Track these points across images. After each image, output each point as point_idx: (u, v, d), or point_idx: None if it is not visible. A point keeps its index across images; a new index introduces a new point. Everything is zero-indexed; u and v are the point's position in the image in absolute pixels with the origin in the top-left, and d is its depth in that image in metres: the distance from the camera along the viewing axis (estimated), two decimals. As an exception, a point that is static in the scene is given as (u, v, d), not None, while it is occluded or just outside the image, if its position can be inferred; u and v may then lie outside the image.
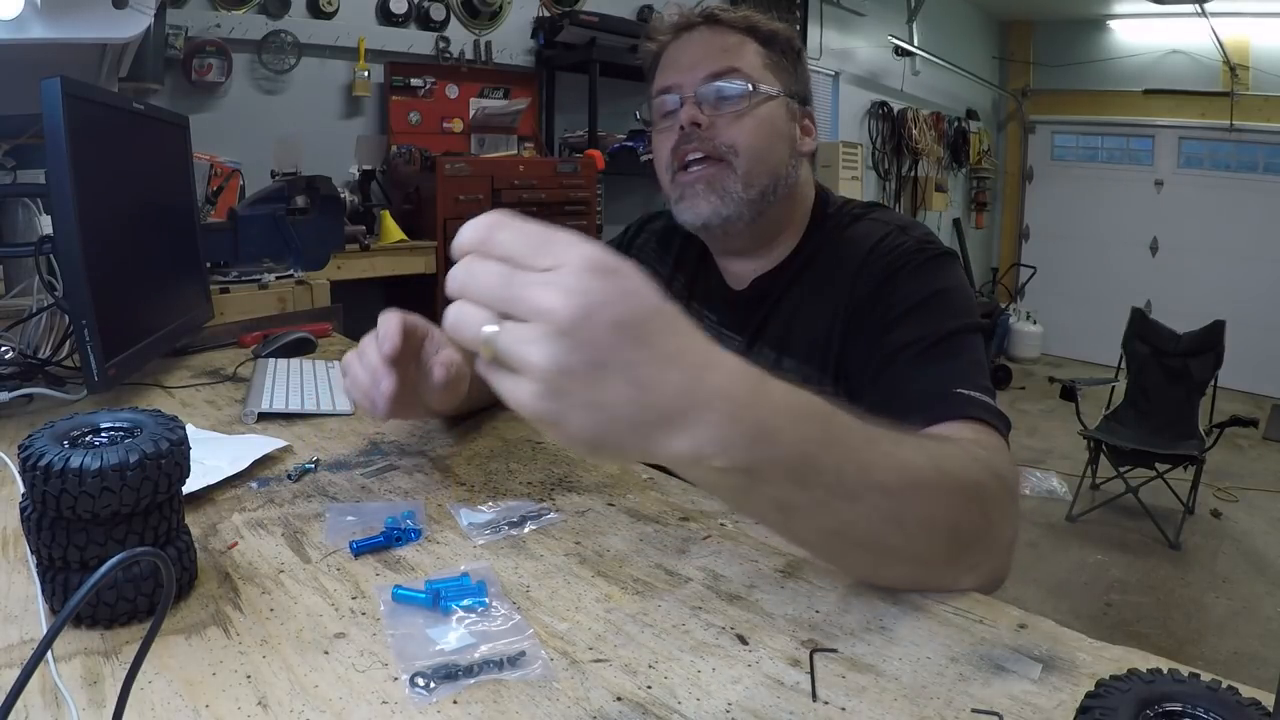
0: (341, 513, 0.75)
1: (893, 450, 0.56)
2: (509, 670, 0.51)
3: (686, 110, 0.93)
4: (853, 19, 5.19)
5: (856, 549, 0.57)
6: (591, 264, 0.42)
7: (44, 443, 0.54)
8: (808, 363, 0.92)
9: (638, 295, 0.44)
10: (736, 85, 0.92)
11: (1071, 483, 3.74)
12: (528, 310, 0.41)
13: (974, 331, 0.83)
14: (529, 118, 3.53)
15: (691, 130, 0.92)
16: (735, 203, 0.92)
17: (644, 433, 0.44)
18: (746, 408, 0.47)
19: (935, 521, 0.58)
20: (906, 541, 0.57)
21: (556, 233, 0.44)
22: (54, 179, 0.93)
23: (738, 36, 0.95)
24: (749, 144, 0.92)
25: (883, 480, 0.54)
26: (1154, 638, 2.63)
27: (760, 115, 0.93)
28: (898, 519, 0.55)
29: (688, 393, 0.44)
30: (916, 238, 0.90)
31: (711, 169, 0.92)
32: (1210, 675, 0.40)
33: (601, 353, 0.41)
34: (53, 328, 1.22)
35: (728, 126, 0.92)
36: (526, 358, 0.41)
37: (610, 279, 0.42)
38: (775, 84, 0.95)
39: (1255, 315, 5.43)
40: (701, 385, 0.45)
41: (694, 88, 0.93)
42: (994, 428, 0.73)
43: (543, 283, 0.41)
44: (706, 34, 0.96)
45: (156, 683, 0.49)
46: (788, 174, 0.95)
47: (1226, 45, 5.68)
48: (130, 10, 1.55)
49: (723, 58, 0.93)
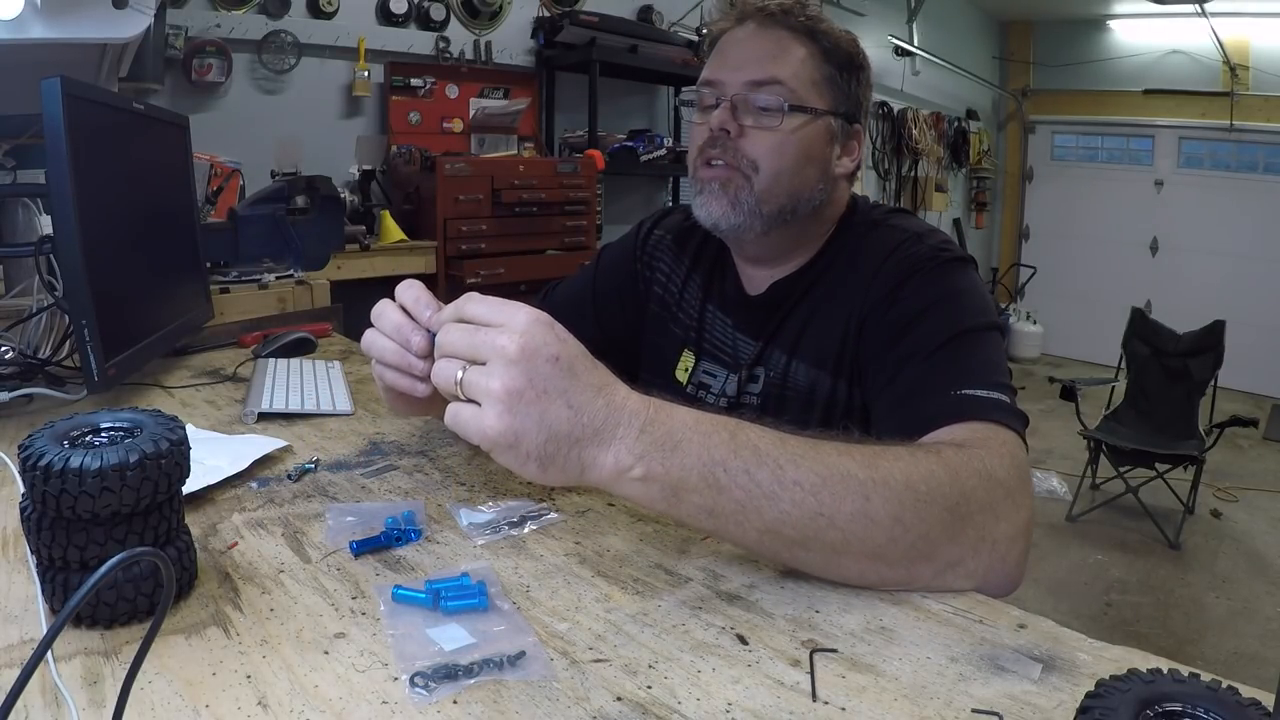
0: (341, 513, 0.75)
1: (809, 452, 0.60)
2: (509, 670, 0.51)
3: (719, 113, 0.89)
4: (853, 19, 5.19)
5: (797, 546, 0.60)
6: (533, 319, 0.56)
7: (44, 443, 0.54)
8: (819, 368, 0.92)
9: (568, 342, 0.57)
10: (775, 99, 0.88)
11: (1071, 483, 3.74)
12: (487, 352, 0.55)
13: (987, 330, 0.81)
14: (529, 118, 3.53)
15: (720, 135, 0.90)
16: (747, 213, 0.90)
17: (580, 448, 0.56)
18: (653, 423, 0.57)
19: (871, 515, 0.59)
20: (845, 537, 0.59)
21: (509, 303, 0.58)
22: (54, 179, 0.93)
23: (795, 40, 0.90)
24: (772, 163, 0.89)
25: (798, 478, 0.58)
26: (1154, 638, 2.63)
27: (792, 135, 0.89)
28: (826, 514, 0.58)
29: (608, 413, 0.56)
30: (932, 244, 0.89)
31: (730, 172, 0.90)
32: (1210, 675, 0.40)
33: (543, 379, 0.54)
34: (53, 328, 1.22)
35: (755, 140, 0.89)
36: (488, 385, 0.54)
37: (547, 329, 0.56)
38: (821, 100, 0.90)
39: (1255, 315, 5.43)
40: (618, 407, 0.57)
41: (733, 90, 0.89)
42: (1006, 425, 0.71)
43: (497, 332, 0.55)
44: (762, 31, 0.91)
45: (156, 683, 0.49)
46: (813, 196, 0.92)
47: (1226, 45, 5.68)
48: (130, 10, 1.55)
49: (769, 65, 0.89)
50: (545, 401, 0.54)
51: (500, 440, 0.54)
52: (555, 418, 0.54)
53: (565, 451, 0.55)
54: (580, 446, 0.56)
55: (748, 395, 0.97)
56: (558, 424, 0.54)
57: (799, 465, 0.59)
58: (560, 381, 0.55)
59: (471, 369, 0.56)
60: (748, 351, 0.98)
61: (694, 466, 0.57)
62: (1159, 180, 6.40)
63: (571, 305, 1.14)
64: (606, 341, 1.13)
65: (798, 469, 0.59)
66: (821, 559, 0.60)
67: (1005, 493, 0.64)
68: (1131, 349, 3.86)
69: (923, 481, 0.61)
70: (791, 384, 0.94)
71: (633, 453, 0.56)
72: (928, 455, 0.64)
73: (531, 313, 0.57)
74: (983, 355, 0.79)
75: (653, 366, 1.09)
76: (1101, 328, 5.57)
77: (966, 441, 0.68)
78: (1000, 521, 0.63)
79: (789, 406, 0.94)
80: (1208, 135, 6.10)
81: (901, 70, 5.84)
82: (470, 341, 0.56)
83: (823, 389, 0.92)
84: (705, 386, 1.01)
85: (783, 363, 0.95)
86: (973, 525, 0.62)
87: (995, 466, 0.65)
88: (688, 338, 1.04)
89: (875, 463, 0.61)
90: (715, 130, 0.90)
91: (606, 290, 1.13)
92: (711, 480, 0.57)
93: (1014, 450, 0.69)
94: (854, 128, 0.94)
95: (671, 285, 1.07)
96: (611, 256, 1.16)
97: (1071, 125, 6.85)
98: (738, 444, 0.58)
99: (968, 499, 0.62)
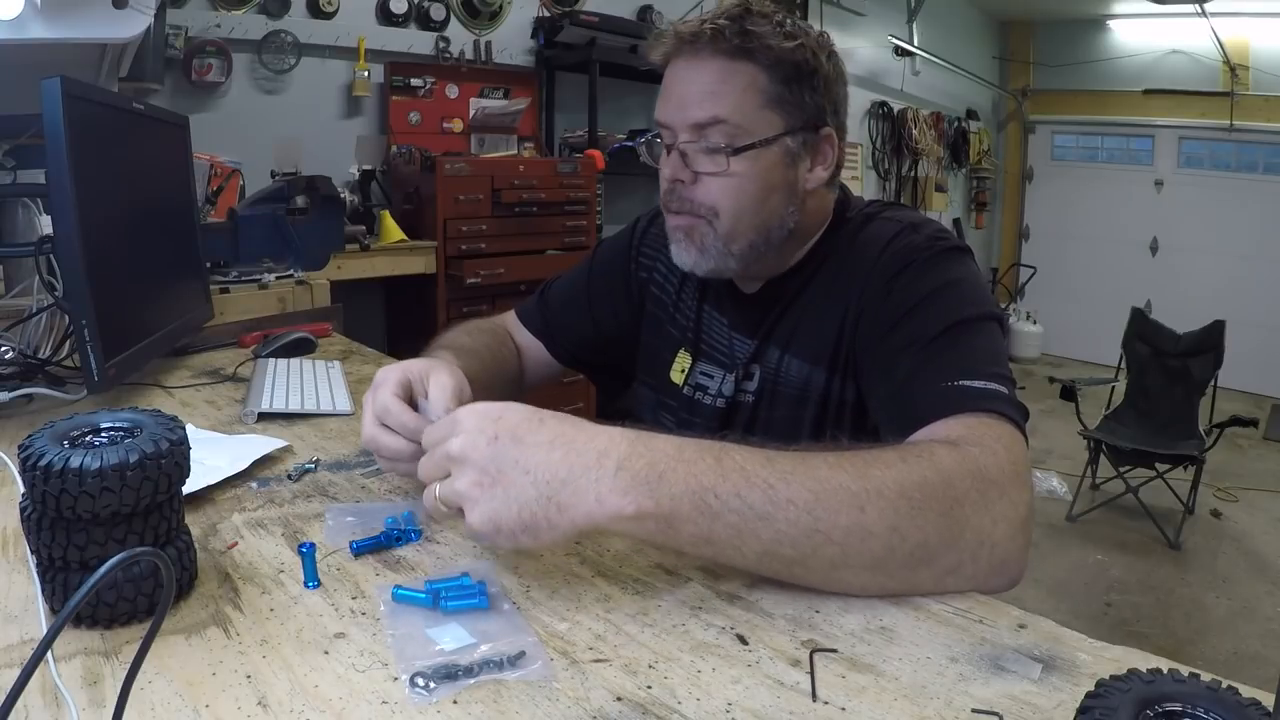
0: (341, 513, 0.75)
1: (798, 468, 0.59)
2: (509, 670, 0.51)
3: (670, 164, 0.88)
4: (853, 19, 5.19)
5: (796, 565, 0.59)
6: (466, 413, 0.61)
7: (44, 443, 0.55)
8: (813, 363, 0.91)
9: (504, 417, 0.60)
10: (723, 141, 0.84)
11: (1071, 483, 3.74)
12: (444, 465, 0.60)
13: (983, 320, 0.80)
14: (529, 118, 3.53)
15: (674, 185, 0.88)
16: (716, 256, 0.89)
17: (555, 505, 0.57)
18: (630, 457, 0.58)
19: (868, 526, 0.58)
20: (843, 551, 0.58)
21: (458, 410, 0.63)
22: (54, 179, 0.93)
23: (732, 66, 0.84)
24: (730, 205, 0.86)
25: (790, 496, 0.58)
26: (1154, 638, 2.63)
27: (746, 172, 0.85)
28: (822, 530, 0.58)
29: (571, 461, 0.58)
30: (927, 234, 0.87)
31: (692, 220, 0.89)
32: (1210, 675, 0.40)
33: (490, 461, 0.58)
34: (53, 328, 1.22)
35: (709, 186, 0.86)
36: (455, 491, 0.59)
37: (480, 416, 0.60)
38: (771, 125, 0.85)
39: (1255, 315, 5.43)
40: (580, 452, 0.58)
41: (680, 135, 0.86)
42: (1002, 415, 0.70)
43: (445, 443, 0.60)
44: (697, 61, 0.85)
45: (156, 683, 0.49)
46: (784, 223, 0.89)
47: (1226, 45, 5.68)
48: (130, 10, 1.55)
49: (709, 102, 0.84)
50: (503, 479, 0.57)
51: (485, 530, 0.58)
52: (517, 488, 0.57)
53: (543, 513, 0.57)
54: (554, 503, 0.57)
55: (744, 394, 0.96)
56: (522, 492, 0.57)
57: (790, 483, 0.58)
58: (507, 454, 0.58)
59: (441, 483, 0.60)
60: (744, 350, 0.97)
61: (683, 495, 0.57)
62: (1159, 180, 6.40)
63: (568, 301, 1.14)
64: (603, 339, 1.13)
65: (789, 487, 0.58)
66: (821, 574, 0.60)
67: (1000, 492, 0.63)
68: (1131, 349, 3.86)
69: (916, 489, 0.60)
70: (784, 380, 0.93)
71: (615, 490, 0.56)
72: (919, 459, 0.63)
73: (467, 409, 0.61)
74: (980, 345, 0.78)
75: (648, 367, 1.09)
76: (1101, 328, 5.57)
77: (961, 438, 0.67)
78: (998, 523, 0.62)
79: (782, 403, 0.93)
80: (1208, 135, 6.10)
81: (901, 70, 5.84)
82: (432, 464, 0.62)
83: (817, 384, 0.91)
84: (702, 388, 1.01)
85: (776, 358, 0.94)
86: (970, 529, 0.61)
87: (988, 465, 0.64)
88: (684, 338, 1.04)
89: (867, 472, 0.60)
90: (669, 181, 0.88)
91: (601, 288, 1.12)
92: (704, 508, 0.57)
93: (1009, 444, 0.67)
94: (821, 134, 0.89)
95: (669, 285, 1.07)
96: (607, 253, 1.15)
97: (1071, 125, 6.85)
98: (724, 468, 0.58)
99: (961, 502, 0.61)
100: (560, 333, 1.14)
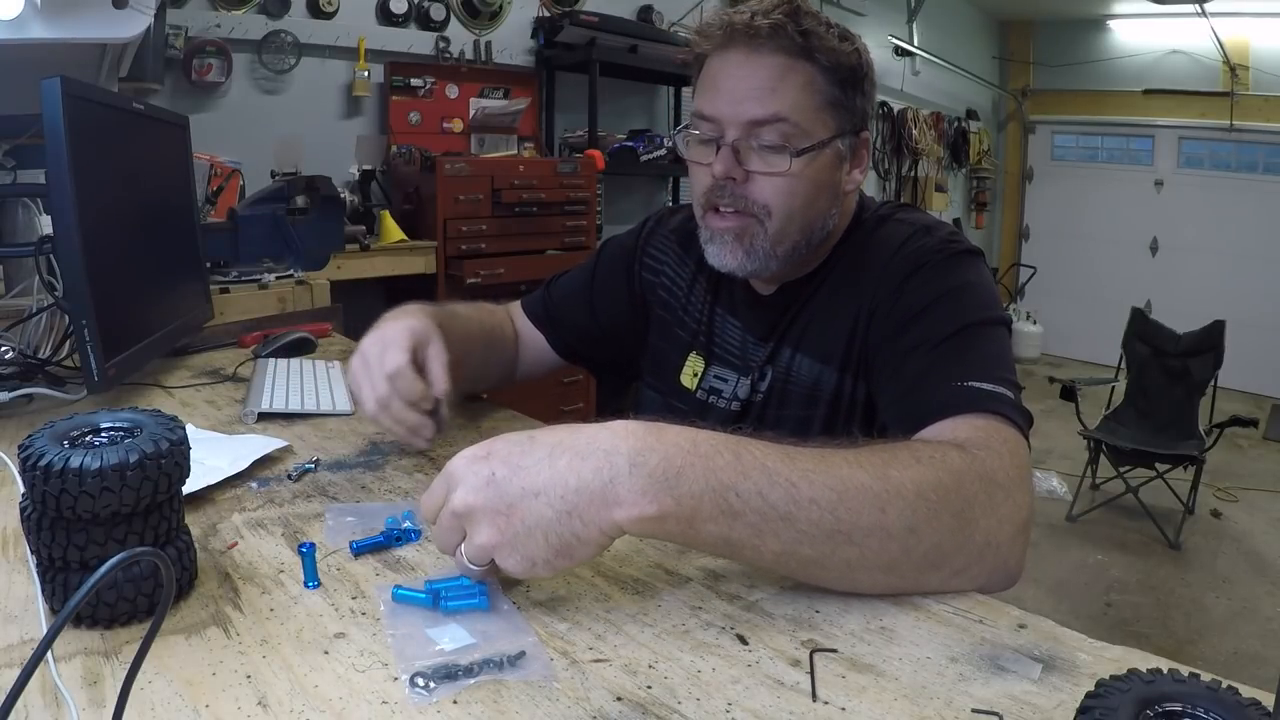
0: (341, 513, 0.75)
1: (819, 466, 0.58)
2: (509, 670, 0.51)
3: (722, 161, 0.84)
4: (853, 19, 5.19)
5: (814, 566, 0.58)
6: (457, 462, 0.58)
7: (44, 443, 0.54)
8: (824, 363, 0.91)
9: (492, 452, 0.57)
10: (779, 139, 0.82)
11: (1071, 483, 3.74)
12: (457, 524, 0.57)
13: (993, 324, 0.80)
14: (529, 118, 3.53)
15: (726, 182, 0.85)
16: (762, 257, 0.87)
17: (576, 518, 0.54)
18: (641, 453, 0.55)
19: (888, 528, 0.58)
20: (861, 552, 0.58)
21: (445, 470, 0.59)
22: (54, 179, 0.93)
23: (792, 64, 0.82)
24: (784, 205, 0.85)
25: (813, 495, 0.57)
26: (1154, 638, 2.63)
27: (803, 174, 0.84)
28: (843, 531, 0.57)
29: (577, 466, 0.55)
30: (941, 236, 0.88)
31: (742, 221, 0.87)
32: (1210, 675, 0.40)
33: (497, 500, 0.55)
34: (53, 328, 1.22)
35: (764, 184, 0.85)
36: (479, 545, 0.56)
37: (468, 462, 0.58)
38: (827, 127, 0.85)
39: (1255, 315, 5.43)
40: (588, 455, 0.55)
41: (734, 132, 0.84)
42: (1007, 419, 0.71)
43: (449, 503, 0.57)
44: (756, 56, 0.83)
45: (156, 683, 0.49)
46: (826, 223, 0.90)
47: (1226, 45, 5.68)
48: (130, 10, 1.55)
49: (769, 99, 0.82)
50: (517, 513, 0.55)
51: (524, 571, 0.56)
52: (534, 515, 0.55)
53: (569, 531, 0.54)
54: (576, 516, 0.54)
55: (757, 394, 0.97)
56: (540, 518, 0.54)
57: (812, 482, 0.57)
58: (512, 486, 0.55)
59: (463, 546, 0.58)
60: (758, 353, 0.97)
61: (704, 494, 0.55)
62: (1159, 180, 6.40)
63: (571, 298, 1.15)
64: (603, 336, 1.13)
65: (811, 486, 0.57)
66: (837, 574, 0.59)
67: (1006, 495, 0.64)
68: (1131, 349, 3.86)
69: (932, 490, 0.60)
70: (795, 379, 0.93)
71: (634, 490, 0.54)
72: (933, 461, 0.63)
73: (454, 460, 0.59)
74: (989, 349, 0.78)
75: (655, 370, 1.09)
76: (1101, 328, 5.56)
77: (967, 440, 0.67)
78: (1003, 525, 0.63)
79: (792, 402, 0.93)
80: (1208, 135, 6.10)
81: (901, 70, 5.83)
82: (444, 530, 0.58)
83: (827, 384, 0.91)
84: (716, 391, 1.00)
85: (787, 357, 0.94)
86: (978, 531, 0.62)
87: (996, 469, 0.65)
88: (695, 341, 1.04)
89: (886, 473, 0.60)
90: (720, 178, 0.85)
91: (605, 286, 1.12)
92: (725, 507, 0.55)
93: (1015, 448, 0.68)
94: (861, 137, 0.90)
95: (676, 289, 1.07)
96: (612, 252, 1.15)
97: (1071, 125, 6.85)
98: (744, 465, 0.56)
99: (972, 505, 0.62)
100: (561, 325, 1.14)
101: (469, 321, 1.02)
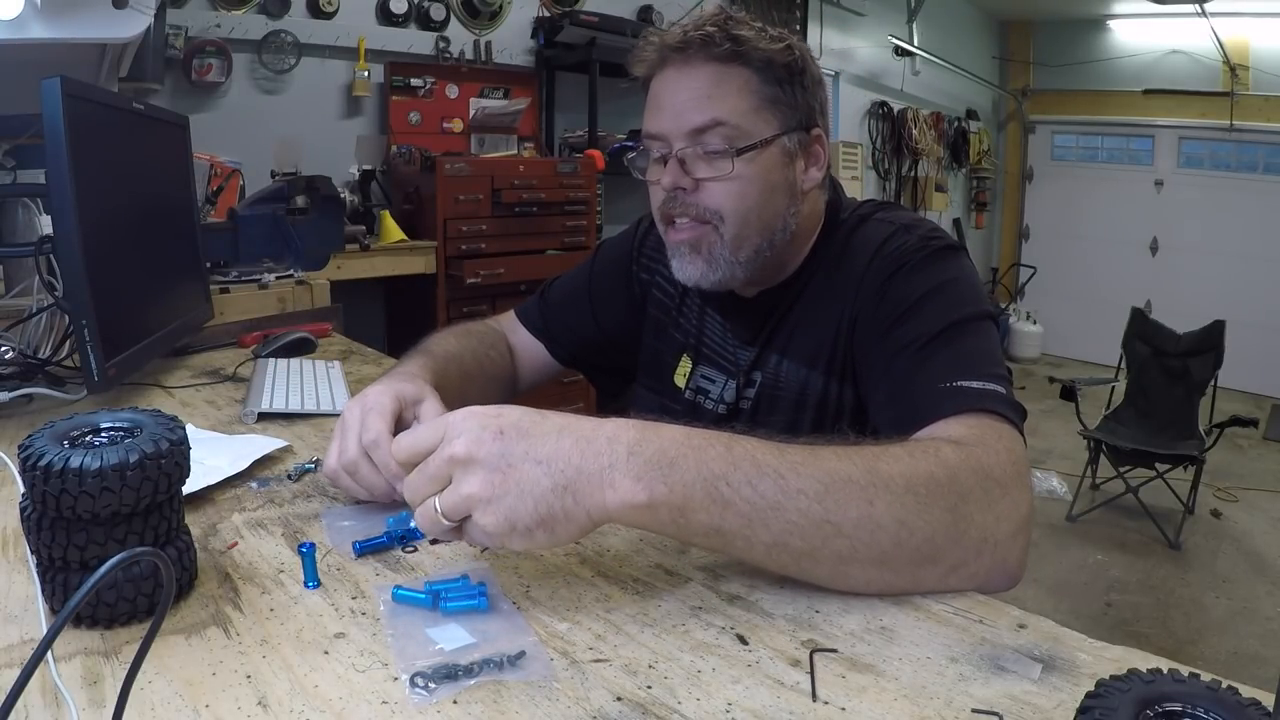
0: (341, 514, 0.75)
1: (807, 459, 0.59)
2: (509, 670, 0.51)
3: (670, 172, 0.86)
4: (853, 19, 5.19)
5: (805, 558, 0.59)
6: (460, 416, 0.58)
7: (44, 443, 0.55)
8: (810, 367, 0.91)
9: (503, 413, 0.57)
10: (721, 142, 0.84)
11: (1071, 483, 3.74)
12: (444, 471, 0.57)
13: (979, 319, 0.80)
14: (529, 118, 3.53)
15: (676, 193, 0.87)
16: (724, 265, 0.88)
17: (571, 493, 0.55)
18: (640, 443, 0.57)
19: (877, 519, 0.58)
20: (853, 545, 0.58)
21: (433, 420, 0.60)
22: (54, 179, 0.93)
23: (725, 70, 0.85)
24: (736, 207, 0.86)
25: (800, 486, 0.58)
26: (1154, 638, 2.63)
27: (749, 174, 0.85)
28: (832, 522, 0.58)
29: (583, 447, 0.56)
30: (920, 235, 0.87)
31: (698, 230, 0.88)
32: (1210, 675, 0.40)
33: (500, 456, 0.55)
34: (53, 328, 1.22)
35: (713, 190, 0.86)
36: (462, 495, 0.55)
37: (478, 415, 0.57)
38: (770, 123, 0.86)
39: (1255, 315, 5.43)
40: (590, 438, 0.57)
41: (676, 143, 0.86)
42: (1000, 415, 0.70)
43: (440, 449, 0.57)
44: (690, 68, 0.85)
45: (156, 683, 0.49)
46: (786, 223, 0.89)
47: (1226, 45, 5.68)
48: (130, 10, 1.55)
49: (706, 106, 0.84)
50: (514, 473, 0.55)
51: (500, 531, 0.55)
52: (530, 480, 0.55)
53: (559, 504, 0.55)
54: (570, 492, 0.55)
55: (745, 400, 0.97)
56: (537, 485, 0.55)
57: (800, 473, 0.58)
58: (517, 447, 0.56)
59: (441, 494, 0.57)
60: (745, 357, 0.97)
61: (695, 483, 0.56)
62: (1159, 180, 6.40)
63: (569, 302, 1.14)
64: (605, 340, 1.12)
65: (800, 477, 0.58)
66: (829, 568, 0.60)
67: (1003, 491, 0.64)
68: (1131, 349, 3.86)
69: (923, 484, 0.60)
70: (783, 384, 0.93)
71: (629, 476, 0.55)
72: (925, 455, 0.63)
73: (459, 412, 0.58)
74: (976, 345, 0.78)
75: (650, 370, 1.08)
76: (1101, 328, 5.56)
77: (962, 438, 0.67)
78: (1000, 521, 0.63)
79: (780, 407, 0.93)
80: (1208, 135, 6.10)
81: (901, 70, 5.84)
82: (426, 476, 0.58)
83: (814, 388, 0.91)
84: (704, 392, 1.01)
85: (774, 362, 0.94)
86: (974, 526, 0.62)
87: (992, 464, 0.64)
88: (687, 342, 1.04)
89: (875, 466, 0.60)
90: (669, 190, 0.87)
91: (603, 288, 1.12)
92: (715, 495, 0.56)
93: (1010, 444, 0.68)
94: (812, 134, 0.90)
95: (672, 289, 1.06)
96: (609, 254, 1.15)
97: (1071, 125, 6.85)
98: (735, 457, 0.58)
99: (966, 499, 0.62)
100: (561, 333, 1.14)
101: (464, 361, 1.00)
